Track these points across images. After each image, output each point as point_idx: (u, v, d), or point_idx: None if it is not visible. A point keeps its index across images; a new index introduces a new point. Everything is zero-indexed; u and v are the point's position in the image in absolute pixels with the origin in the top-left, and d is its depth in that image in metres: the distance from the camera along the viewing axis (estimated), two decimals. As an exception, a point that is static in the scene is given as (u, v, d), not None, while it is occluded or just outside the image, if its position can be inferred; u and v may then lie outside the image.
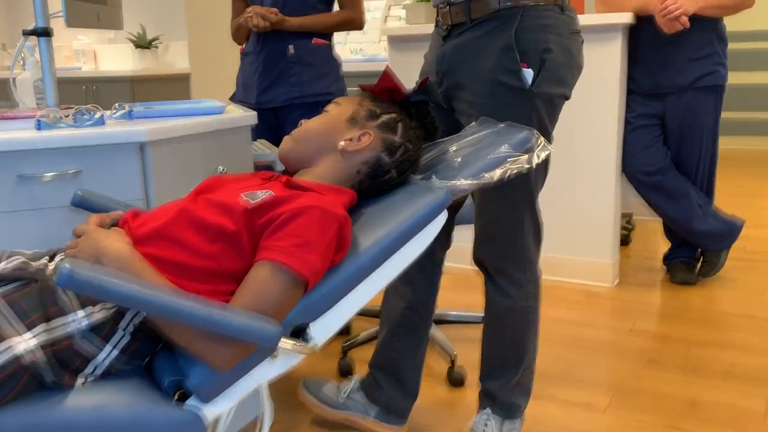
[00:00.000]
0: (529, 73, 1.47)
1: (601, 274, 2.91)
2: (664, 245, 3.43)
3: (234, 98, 2.36)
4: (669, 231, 3.01)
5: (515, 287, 1.62)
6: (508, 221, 1.58)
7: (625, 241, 3.48)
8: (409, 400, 1.80)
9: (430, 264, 1.74)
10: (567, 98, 1.56)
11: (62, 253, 1.15)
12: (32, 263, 1.12)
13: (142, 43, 4.55)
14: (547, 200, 2.97)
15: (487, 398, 1.73)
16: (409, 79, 2.74)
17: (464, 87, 1.54)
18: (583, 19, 2.70)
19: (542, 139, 1.33)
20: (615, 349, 2.31)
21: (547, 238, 2.97)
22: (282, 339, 1.01)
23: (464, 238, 3.12)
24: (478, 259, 1.66)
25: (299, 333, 1.08)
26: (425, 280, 1.74)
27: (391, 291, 1.80)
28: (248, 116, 1.76)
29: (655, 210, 2.88)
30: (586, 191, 2.88)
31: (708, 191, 2.84)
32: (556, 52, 1.48)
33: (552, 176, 2.94)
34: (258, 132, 2.28)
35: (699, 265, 2.97)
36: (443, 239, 1.74)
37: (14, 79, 1.78)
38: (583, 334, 2.45)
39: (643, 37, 2.76)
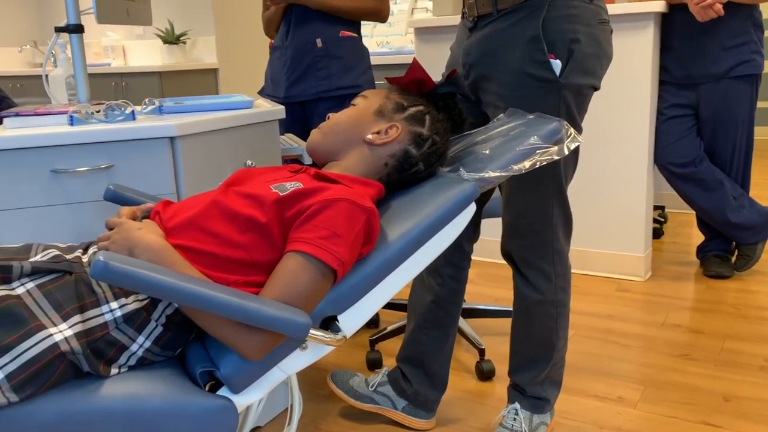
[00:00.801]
0: (556, 64, 1.45)
1: (632, 268, 2.87)
2: (697, 238, 3.38)
3: (262, 92, 2.38)
4: (702, 223, 2.96)
5: (544, 280, 1.60)
6: (536, 213, 1.57)
7: (657, 233, 3.43)
8: (437, 393, 1.80)
9: (457, 257, 1.74)
10: (596, 89, 1.54)
11: (95, 246, 1.17)
12: (66, 256, 1.14)
13: (170, 39, 4.61)
14: (577, 192, 2.94)
15: (515, 392, 1.72)
16: (435, 71, 2.74)
17: (491, 78, 1.53)
18: (614, 8, 2.67)
19: (572, 129, 1.32)
20: (647, 343, 2.28)
21: (578, 231, 2.96)
22: (311, 330, 1.01)
23: (493, 231, 3.11)
24: (507, 252, 1.65)
25: (328, 324, 1.08)
26: (452, 274, 1.74)
27: (417, 284, 1.80)
28: (276, 110, 1.77)
29: (688, 202, 2.83)
30: (618, 183, 2.84)
31: (743, 182, 2.79)
32: (584, 42, 1.46)
33: (583, 168, 2.92)
34: (286, 126, 2.29)
35: (734, 258, 2.91)
36: (471, 232, 1.74)
37: (47, 75, 1.82)
38: (614, 327, 2.42)
39: (675, 25, 2.70)
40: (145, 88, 4.24)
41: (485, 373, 2.07)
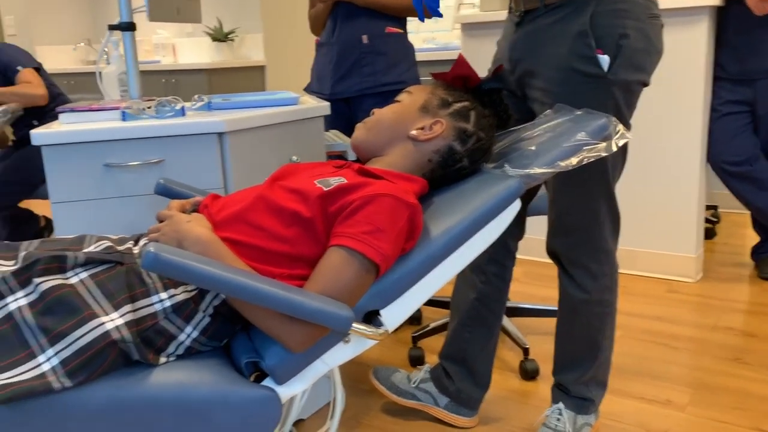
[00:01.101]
0: (604, 60, 1.43)
1: (683, 268, 2.80)
2: (751, 239, 3.27)
3: (308, 89, 2.40)
4: (757, 224, 2.86)
5: (591, 279, 1.58)
6: (583, 211, 1.54)
7: (709, 234, 3.33)
8: (480, 391, 1.79)
9: (502, 254, 1.72)
10: (645, 85, 1.51)
11: (146, 238, 1.20)
12: (118, 247, 1.17)
13: (219, 36, 4.69)
14: (627, 191, 2.88)
15: (560, 392, 1.70)
16: (482, 66, 2.72)
17: (537, 74, 1.51)
18: (667, 2, 2.60)
19: (620, 126, 1.29)
20: (697, 346, 2.22)
21: (628, 230, 2.90)
22: (353, 324, 1.02)
23: (539, 229, 3.07)
24: (552, 251, 1.62)
25: (370, 318, 1.09)
26: (497, 271, 1.73)
27: (461, 281, 1.79)
28: (321, 107, 1.79)
29: (743, 202, 2.74)
30: (669, 182, 2.78)
31: (801, 182, 2.68)
32: (633, 37, 1.43)
33: (633, 166, 2.86)
34: (331, 122, 2.31)
35: (790, 260, 2.81)
36: (515, 230, 1.72)
37: (100, 72, 1.87)
38: (663, 329, 2.36)
39: (731, 19, 2.62)
40: (194, 85, 4.33)
41: (529, 373, 2.05)
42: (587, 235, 1.55)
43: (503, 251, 1.72)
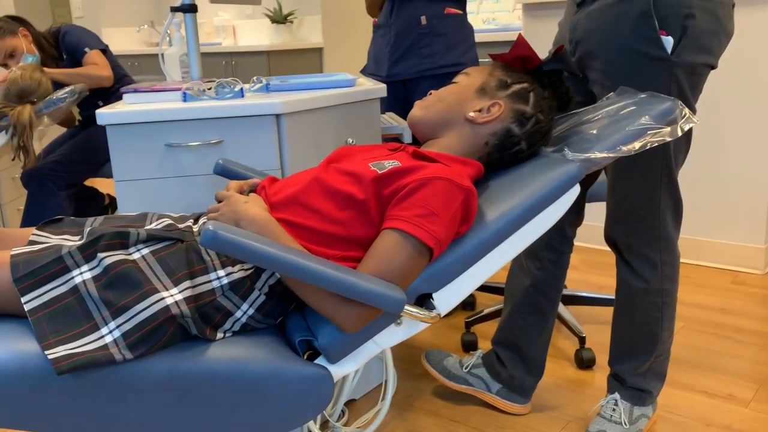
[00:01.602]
0: (668, 41, 1.37)
1: (751, 260, 2.69)
2: (826, 230, 3.11)
3: (365, 71, 2.40)
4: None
5: (650, 268, 1.53)
6: (643, 198, 1.49)
7: (779, 224, 3.18)
8: (533, 378, 1.77)
9: (558, 241, 1.69)
10: (713, 67, 1.44)
11: (205, 217, 1.23)
12: (178, 225, 1.20)
13: (278, 19, 4.73)
14: (694, 178, 2.78)
15: (616, 382, 1.66)
16: (543, 49, 2.65)
17: (598, 56, 1.46)
18: (741, -20, 2.47)
19: (686, 110, 1.24)
20: (763, 341, 2.14)
21: (693, 219, 2.80)
22: (406, 306, 1.02)
23: (599, 216, 3.00)
24: (611, 238, 1.58)
25: (423, 301, 1.09)
26: (553, 258, 1.69)
27: (516, 267, 1.77)
28: (378, 89, 1.78)
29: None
30: (738, 169, 2.66)
31: None
32: (699, 17, 1.37)
33: (701, 152, 2.75)
34: (388, 104, 2.30)
35: None
36: (573, 216, 1.68)
37: (162, 54, 1.91)
38: (727, 322, 2.28)
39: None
40: (253, 67, 4.38)
41: (585, 362, 2.01)
42: (647, 223, 1.51)
43: (560, 237, 1.69)
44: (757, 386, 1.88)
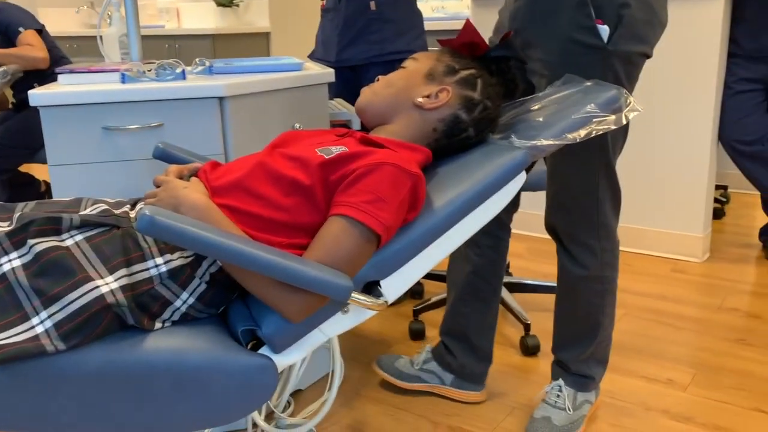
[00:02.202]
0: (604, 30, 1.38)
1: (690, 248, 2.77)
2: (761, 220, 3.24)
3: (313, 56, 2.36)
4: (767, 205, 2.82)
5: (590, 256, 1.55)
6: (582, 186, 1.51)
7: (718, 214, 3.30)
8: (483, 365, 1.78)
9: (495, 228, 1.70)
10: (648, 57, 1.46)
11: (143, 202, 1.18)
12: (115, 210, 1.15)
13: (224, 2, 4.62)
14: (635, 167, 2.84)
15: (559, 368, 1.69)
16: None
17: (536, 45, 1.47)
18: (683, -25, 2.53)
19: (631, 98, 1.25)
20: (701, 326, 2.21)
21: (634, 208, 2.87)
22: (353, 293, 1.00)
23: (541, 205, 3.04)
24: (551, 227, 1.60)
25: (370, 289, 1.07)
26: (491, 243, 1.70)
27: (456, 256, 1.77)
28: (325, 73, 1.75)
29: (754, 182, 2.70)
30: (679, 159, 2.73)
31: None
32: (634, 6, 1.39)
33: (642, 142, 2.82)
34: (336, 90, 2.27)
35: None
36: (509, 204, 1.69)
37: (101, 35, 1.84)
38: (667, 309, 2.34)
39: (748, -6, 2.56)
40: (198, 51, 4.27)
41: (530, 349, 2.04)
42: (586, 211, 1.53)
43: (497, 224, 1.70)
44: (695, 371, 1.94)
